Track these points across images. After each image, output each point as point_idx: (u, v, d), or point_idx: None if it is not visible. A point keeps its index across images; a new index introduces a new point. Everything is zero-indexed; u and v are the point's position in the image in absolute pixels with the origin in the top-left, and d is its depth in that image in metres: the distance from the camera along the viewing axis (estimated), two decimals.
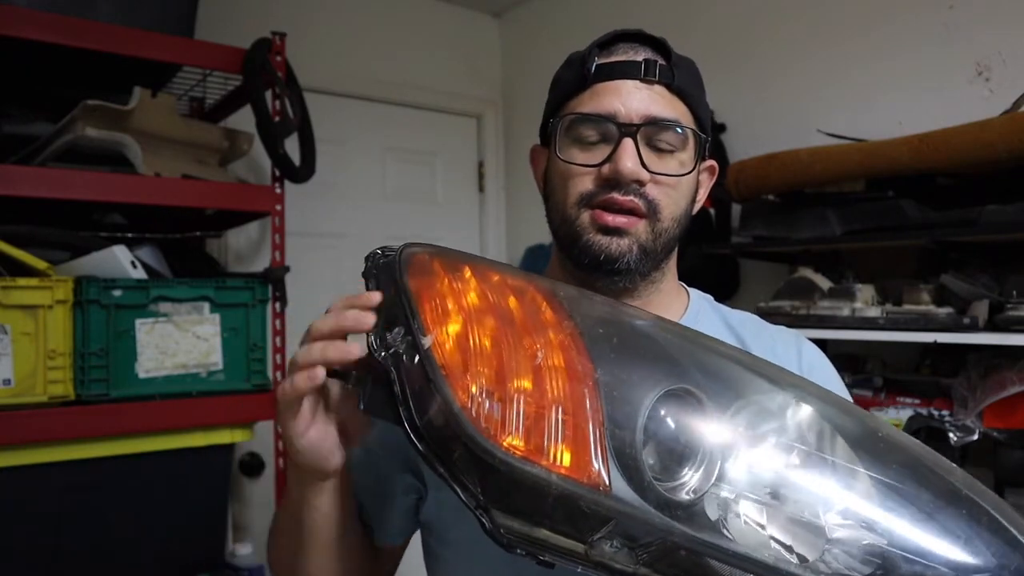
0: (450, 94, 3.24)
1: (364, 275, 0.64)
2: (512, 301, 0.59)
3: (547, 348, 0.57)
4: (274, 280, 2.04)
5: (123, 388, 1.74)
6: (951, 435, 1.59)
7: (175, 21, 2.02)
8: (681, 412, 0.59)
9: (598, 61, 0.80)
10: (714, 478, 0.57)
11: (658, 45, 0.83)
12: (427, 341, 0.55)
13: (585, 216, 0.80)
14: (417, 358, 0.55)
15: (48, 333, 1.67)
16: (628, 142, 0.78)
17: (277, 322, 2.10)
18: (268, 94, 2.09)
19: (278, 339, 2.11)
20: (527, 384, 0.55)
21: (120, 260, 1.77)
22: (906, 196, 1.76)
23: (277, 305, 2.08)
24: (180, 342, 1.82)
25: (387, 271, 0.61)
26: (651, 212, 0.80)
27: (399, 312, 0.58)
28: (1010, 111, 1.67)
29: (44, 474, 1.66)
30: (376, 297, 0.61)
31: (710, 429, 0.59)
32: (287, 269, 2.08)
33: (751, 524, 0.57)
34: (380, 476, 0.85)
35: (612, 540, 0.53)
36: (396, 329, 0.57)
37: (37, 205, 1.76)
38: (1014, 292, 1.57)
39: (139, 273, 1.80)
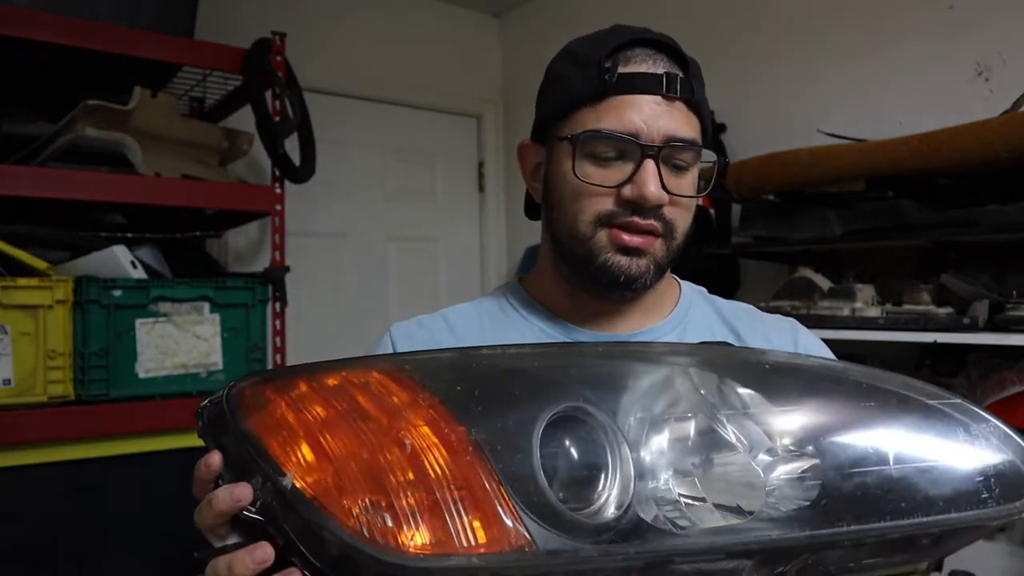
0: (450, 94, 3.24)
1: (200, 435, 0.57)
2: (360, 398, 0.55)
3: (412, 431, 0.53)
4: (274, 280, 2.04)
5: (123, 388, 1.75)
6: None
7: (175, 21, 2.02)
8: (573, 433, 0.56)
9: (620, 70, 0.76)
10: (632, 481, 0.54)
11: (674, 53, 0.79)
12: (287, 482, 0.50)
13: (603, 235, 0.78)
14: (288, 504, 0.50)
15: (48, 333, 1.67)
16: (651, 164, 0.76)
17: (277, 322, 2.10)
18: (268, 94, 2.09)
19: (278, 339, 2.11)
20: (407, 477, 0.50)
21: (120, 260, 1.77)
22: (906, 196, 1.76)
23: (277, 305, 2.08)
24: (180, 342, 1.82)
25: (220, 422, 0.55)
26: (667, 232, 0.79)
27: (249, 462, 0.53)
28: (1010, 111, 1.67)
29: (44, 474, 1.66)
30: (215, 461, 0.55)
31: (609, 436, 0.56)
32: (287, 269, 2.08)
33: (691, 503, 0.56)
34: None
35: None
36: (254, 480, 0.52)
37: (37, 205, 1.76)
38: (1014, 292, 1.57)
39: (139, 273, 1.81)
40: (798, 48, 2.27)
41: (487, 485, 0.51)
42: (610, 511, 0.53)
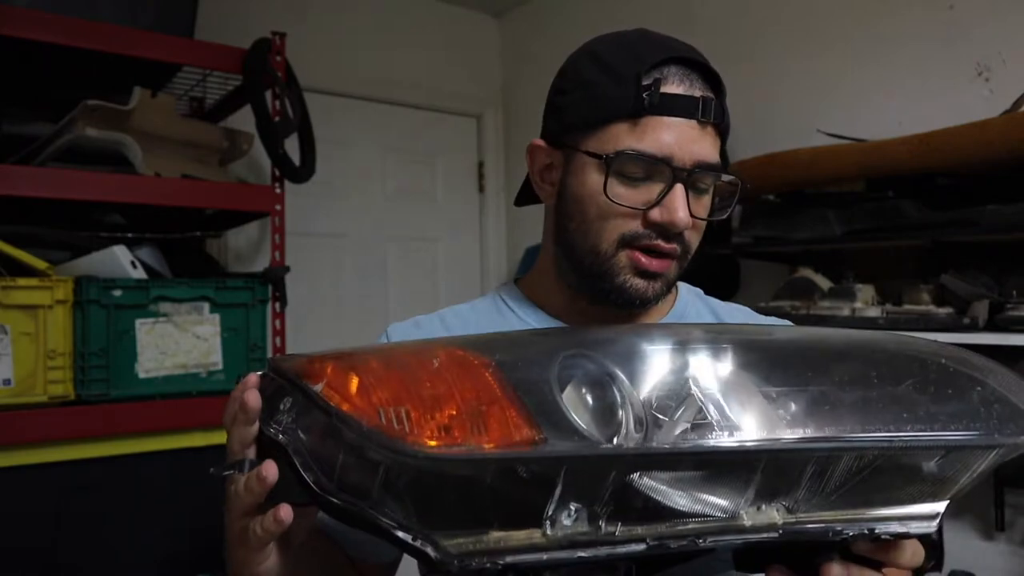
0: (450, 94, 3.24)
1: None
2: (393, 348, 0.61)
3: (440, 358, 0.56)
4: (274, 280, 2.04)
5: (123, 388, 1.75)
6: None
7: (175, 21, 2.02)
8: (587, 371, 0.58)
9: (664, 90, 0.75)
10: (644, 418, 0.55)
11: (708, 73, 0.78)
12: (318, 387, 0.53)
13: (623, 256, 0.78)
14: (313, 407, 0.53)
15: (48, 333, 1.67)
16: (680, 189, 0.76)
17: (277, 322, 2.10)
18: (268, 94, 2.09)
19: (278, 339, 2.11)
20: (430, 388, 0.53)
21: (120, 260, 1.77)
22: (906, 196, 1.76)
23: (277, 305, 2.08)
24: (180, 342, 1.82)
25: (264, 377, 0.60)
26: (683, 254, 0.80)
27: (282, 385, 0.56)
28: (1010, 111, 1.67)
29: (44, 474, 1.66)
30: (252, 378, 0.60)
31: (622, 378, 0.57)
32: (287, 269, 2.08)
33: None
34: None
35: (567, 507, 0.51)
36: (283, 403, 0.55)
37: (37, 205, 1.76)
38: (1014, 292, 1.57)
39: (139, 273, 1.81)
40: (798, 48, 2.27)
41: (502, 394, 0.53)
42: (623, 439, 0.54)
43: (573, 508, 0.51)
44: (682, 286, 0.94)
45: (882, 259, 1.95)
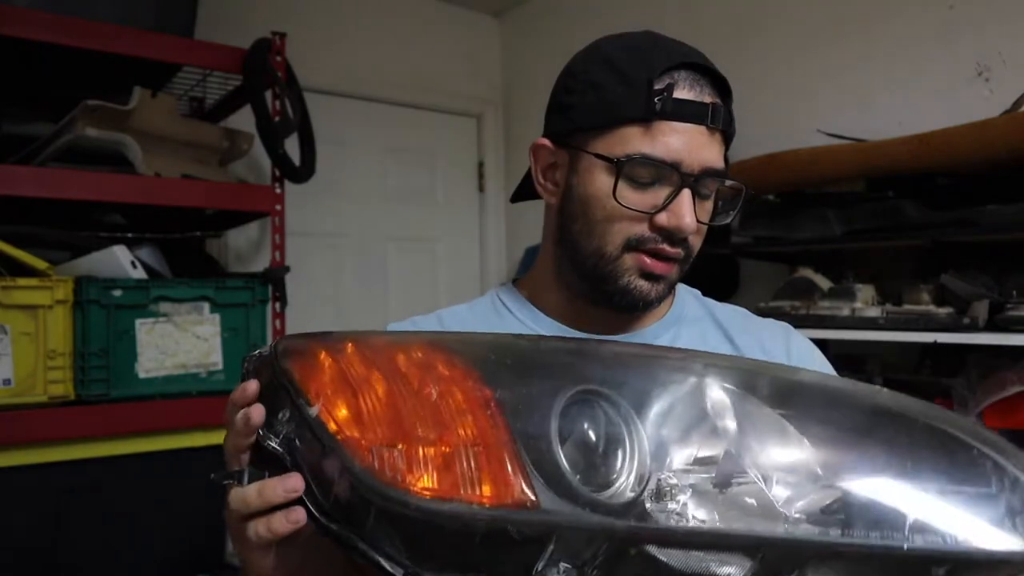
0: (450, 94, 3.24)
1: (243, 377, 0.60)
2: (400, 358, 0.57)
3: (440, 386, 0.55)
4: (274, 280, 2.04)
5: (123, 388, 1.75)
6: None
7: (175, 21, 2.02)
8: (593, 415, 0.57)
9: (675, 96, 0.75)
10: (647, 476, 0.55)
11: (716, 79, 0.79)
12: (314, 411, 0.52)
13: (628, 259, 0.79)
14: (309, 432, 0.52)
15: (48, 333, 1.67)
16: (687, 194, 0.76)
17: (277, 322, 2.10)
18: (268, 94, 2.09)
19: (278, 339, 2.10)
20: (427, 425, 0.52)
21: (120, 260, 1.77)
22: (906, 196, 1.76)
23: (277, 305, 2.08)
24: (180, 342, 1.82)
25: (265, 364, 0.58)
26: (686, 257, 0.81)
27: (282, 395, 0.55)
28: (1010, 111, 1.67)
29: (44, 474, 1.66)
30: (252, 386, 0.58)
31: (629, 428, 0.57)
32: (287, 269, 2.08)
33: (695, 520, 0.56)
34: None
35: (557, 566, 0.51)
36: (281, 413, 0.54)
37: (37, 205, 1.76)
38: (1014, 292, 1.57)
39: (139, 273, 1.81)
40: (798, 48, 2.27)
41: (501, 442, 0.52)
42: (616, 495, 0.54)
43: (563, 566, 0.51)
44: (680, 287, 0.94)
45: (882, 259, 1.95)
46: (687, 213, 0.76)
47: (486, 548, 0.50)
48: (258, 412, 0.56)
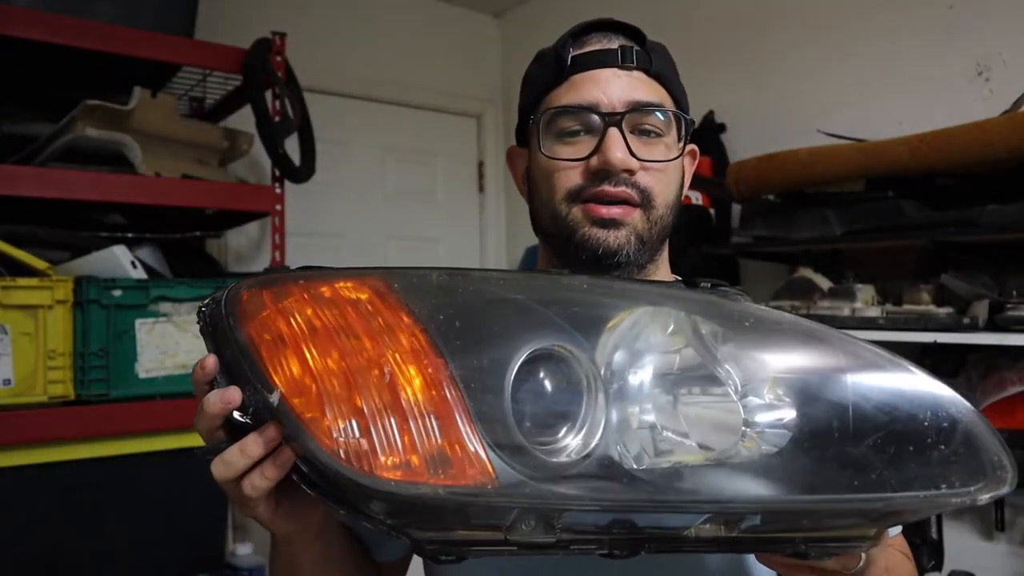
0: (450, 94, 3.24)
1: (200, 333, 0.60)
2: (350, 313, 0.56)
3: (394, 358, 0.55)
4: None
5: (123, 388, 1.74)
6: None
7: (175, 21, 2.02)
8: (550, 371, 0.58)
9: (573, 52, 0.79)
10: (602, 423, 0.56)
11: (631, 32, 0.81)
12: (275, 398, 0.52)
13: (577, 211, 0.78)
14: (272, 417, 0.53)
15: (48, 333, 1.67)
16: (614, 131, 0.76)
17: None
18: (268, 94, 2.09)
19: None
20: (385, 404, 0.53)
21: (120, 260, 1.77)
22: (906, 196, 1.76)
23: None
24: (180, 342, 1.82)
25: (217, 324, 0.57)
26: (645, 201, 0.78)
27: (240, 371, 0.55)
28: (1010, 111, 1.67)
29: (44, 474, 1.66)
30: (211, 364, 0.57)
31: (585, 376, 0.58)
32: (287, 269, 2.08)
33: (668, 434, 0.58)
34: None
35: (525, 520, 0.53)
36: (246, 389, 0.54)
37: (37, 205, 1.76)
38: (1014, 292, 1.57)
39: (139, 273, 1.80)
40: (798, 48, 2.27)
41: (459, 420, 0.53)
42: (577, 450, 0.56)
43: (530, 520, 0.53)
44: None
45: (882, 259, 1.95)
46: (616, 148, 0.76)
47: (457, 513, 0.53)
48: (235, 396, 0.55)
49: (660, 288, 0.64)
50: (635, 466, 0.56)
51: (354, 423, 0.52)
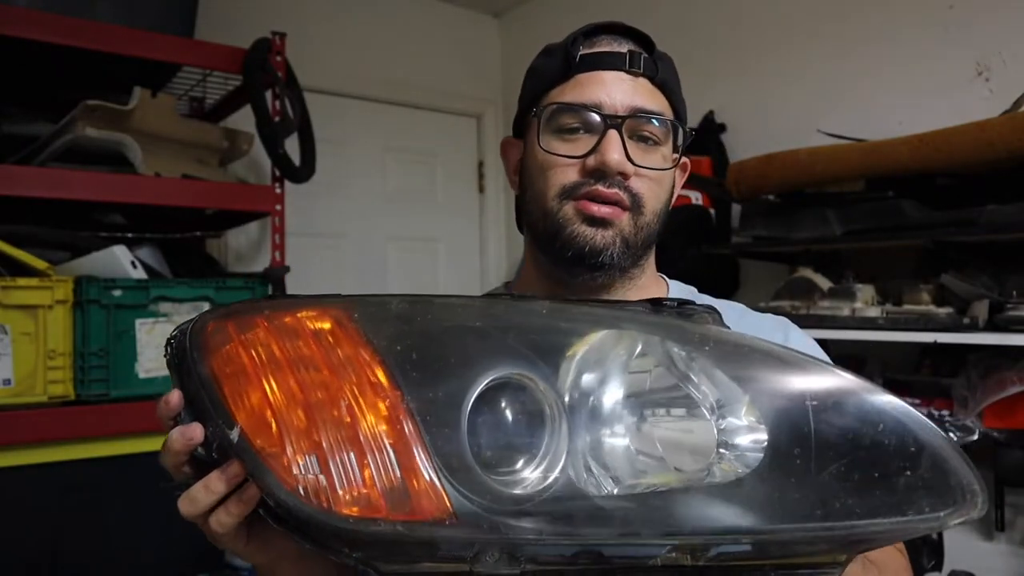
0: (450, 94, 3.24)
1: (167, 366, 0.59)
2: (312, 346, 0.56)
3: (353, 391, 0.55)
4: (274, 280, 2.04)
5: (123, 388, 1.74)
6: (951, 435, 1.59)
7: (175, 21, 2.02)
8: (509, 400, 0.57)
9: (583, 51, 0.80)
10: (563, 454, 0.56)
11: (641, 38, 0.82)
12: (235, 434, 0.53)
13: (568, 208, 0.79)
14: (234, 454, 0.53)
15: (48, 333, 1.67)
16: (613, 134, 0.77)
17: None
18: (268, 94, 2.09)
19: None
20: (344, 438, 0.53)
21: (120, 260, 1.77)
22: (906, 196, 1.76)
23: None
24: None
25: (182, 357, 0.57)
26: (634, 205, 0.79)
27: (203, 407, 0.55)
28: (1010, 111, 1.67)
29: (44, 474, 1.66)
30: (175, 400, 0.57)
31: (545, 404, 0.57)
32: (287, 269, 2.08)
33: (641, 457, 0.57)
34: None
35: (488, 552, 0.53)
36: (208, 425, 0.55)
37: (37, 205, 1.76)
38: (1014, 292, 1.57)
39: (139, 273, 1.80)
40: (798, 48, 2.27)
41: (416, 453, 0.53)
42: (536, 481, 0.55)
43: (494, 553, 0.53)
44: (673, 283, 0.93)
45: (882, 259, 1.95)
46: (614, 150, 0.77)
47: (423, 547, 0.53)
48: (197, 433, 0.55)
49: (620, 311, 0.63)
50: (605, 490, 0.55)
51: (314, 459, 0.52)
